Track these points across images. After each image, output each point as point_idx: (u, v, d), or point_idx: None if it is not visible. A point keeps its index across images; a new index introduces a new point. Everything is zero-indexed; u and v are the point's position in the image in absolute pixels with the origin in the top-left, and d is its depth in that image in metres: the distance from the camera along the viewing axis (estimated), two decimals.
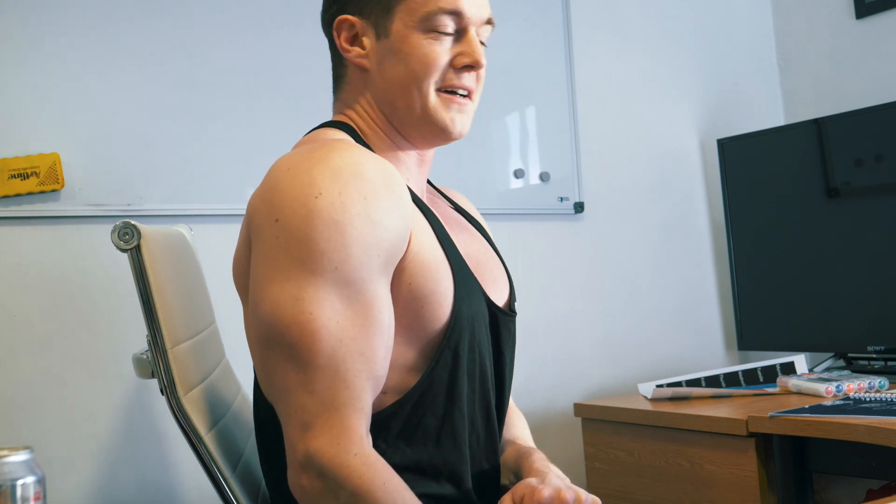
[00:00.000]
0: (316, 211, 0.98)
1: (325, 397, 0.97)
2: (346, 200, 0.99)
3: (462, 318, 1.09)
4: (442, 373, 1.08)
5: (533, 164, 2.25)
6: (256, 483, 1.27)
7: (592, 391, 2.28)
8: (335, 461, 0.95)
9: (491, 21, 1.17)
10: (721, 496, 1.77)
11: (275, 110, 1.86)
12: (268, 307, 0.99)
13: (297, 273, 0.98)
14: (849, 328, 2.19)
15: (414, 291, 1.05)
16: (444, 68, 1.12)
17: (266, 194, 1.03)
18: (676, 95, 2.52)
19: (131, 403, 1.72)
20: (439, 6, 1.10)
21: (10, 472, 0.71)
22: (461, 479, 1.10)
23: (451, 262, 1.09)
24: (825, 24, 2.53)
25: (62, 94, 1.68)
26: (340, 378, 0.97)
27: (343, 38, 1.15)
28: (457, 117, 1.14)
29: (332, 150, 1.03)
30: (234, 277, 1.15)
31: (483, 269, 1.18)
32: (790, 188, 2.30)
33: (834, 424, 1.59)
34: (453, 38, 1.13)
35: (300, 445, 0.97)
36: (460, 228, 1.23)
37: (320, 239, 0.98)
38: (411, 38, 1.11)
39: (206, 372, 1.30)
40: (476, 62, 1.13)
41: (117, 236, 1.13)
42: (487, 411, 1.15)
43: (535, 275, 2.22)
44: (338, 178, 1.00)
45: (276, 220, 1.00)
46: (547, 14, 2.28)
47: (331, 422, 0.96)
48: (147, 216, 1.73)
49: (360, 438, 0.98)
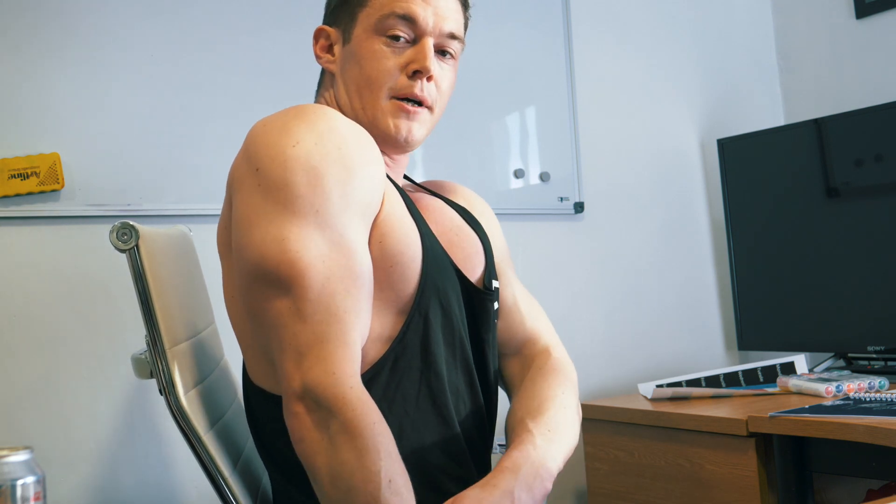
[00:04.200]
0: (294, 157, 1.02)
1: (318, 329, 0.98)
2: (322, 150, 1.03)
3: (430, 285, 1.10)
4: (413, 337, 1.10)
5: (533, 164, 2.25)
6: (256, 482, 1.27)
7: (592, 391, 2.28)
8: (330, 391, 0.96)
9: (456, 36, 1.18)
10: (721, 496, 1.77)
11: (275, 110, 1.85)
12: (254, 249, 1.01)
13: (279, 216, 1.01)
14: (849, 328, 2.19)
15: (384, 250, 1.07)
16: (395, 74, 1.15)
17: (244, 151, 1.08)
18: (676, 95, 2.52)
19: (131, 403, 1.72)
20: (392, 10, 1.14)
21: (10, 472, 0.71)
22: (446, 443, 1.11)
23: (420, 233, 1.12)
24: (825, 24, 2.53)
25: (62, 94, 1.68)
26: (331, 313, 0.99)
27: (319, 46, 1.23)
28: (402, 124, 1.16)
29: (308, 109, 1.09)
30: (218, 242, 1.17)
31: (455, 247, 1.20)
32: (790, 188, 2.30)
33: (834, 424, 1.59)
34: (410, 45, 1.15)
35: (296, 375, 0.98)
36: (433, 210, 1.24)
37: (300, 183, 1.01)
38: (368, 41, 1.15)
39: (206, 372, 1.30)
40: (424, 69, 1.14)
41: (116, 237, 1.13)
42: (470, 380, 1.17)
43: (535, 275, 2.22)
44: (313, 129, 1.05)
45: (257, 169, 1.04)
46: (547, 14, 2.29)
47: (324, 353, 0.98)
48: (147, 216, 1.73)
49: (354, 373, 0.99)
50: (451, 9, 1.18)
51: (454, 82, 1.22)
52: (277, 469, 1.13)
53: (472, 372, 1.18)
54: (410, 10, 1.13)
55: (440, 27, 1.16)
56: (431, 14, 1.15)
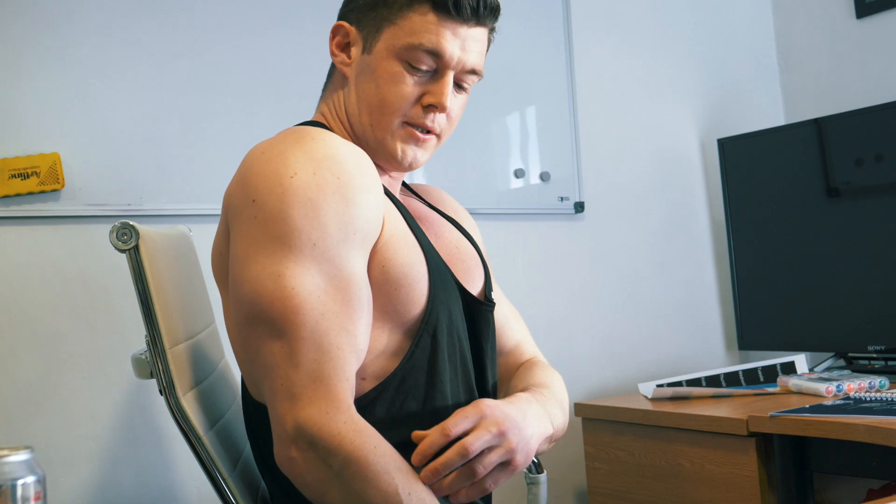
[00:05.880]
0: (291, 190, 1.01)
1: (311, 369, 0.98)
2: (321, 180, 1.02)
3: (438, 303, 1.10)
4: (421, 357, 1.10)
5: (533, 164, 2.25)
6: (256, 482, 1.27)
7: (592, 391, 2.28)
8: (325, 429, 0.96)
9: (476, 72, 1.17)
10: (721, 496, 1.77)
11: (274, 110, 1.86)
12: (249, 286, 1.01)
13: (276, 250, 1.00)
14: (849, 328, 2.19)
15: (387, 274, 1.07)
16: (411, 103, 1.13)
17: (241, 179, 1.06)
18: (676, 95, 2.52)
19: (131, 403, 1.72)
20: (421, 42, 1.11)
21: (10, 472, 0.71)
22: None
23: (424, 251, 1.11)
24: (825, 24, 2.53)
25: (62, 94, 1.68)
26: (324, 351, 0.99)
27: (336, 42, 1.19)
28: (409, 150, 1.16)
29: (306, 136, 1.06)
30: (214, 268, 1.17)
31: (456, 260, 1.20)
32: (790, 188, 2.30)
33: (834, 424, 1.59)
34: (429, 75, 1.14)
35: (288, 417, 0.98)
36: (431, 223, 1.24)
37: (297, 216, 1.00)
38: (388, 62, 1.13)
39: (206, 372, 1.30)
40: (440, 105, 1.13)
41: (115, 237, 1.13)
42: (471, 396, 1.17)
43: (535, 275, 2.22)
44: (312, 159, 1.03)
45: (253, 200, 1.02)
46: (547, 14, 2.28)
47: (317, 392, 0.98)
48: (147, 216, 1.73)
49: (347, 407, 0.99)
50: (478, 40, 1.16)
51: (464, 108, 1.21)
52: (274, 480, 1.13)
53: (473, 389, 1.18)
54: (440, 45, 1.11)
55: (463, 63, 1.14)
56: (458, 49, 1.13)
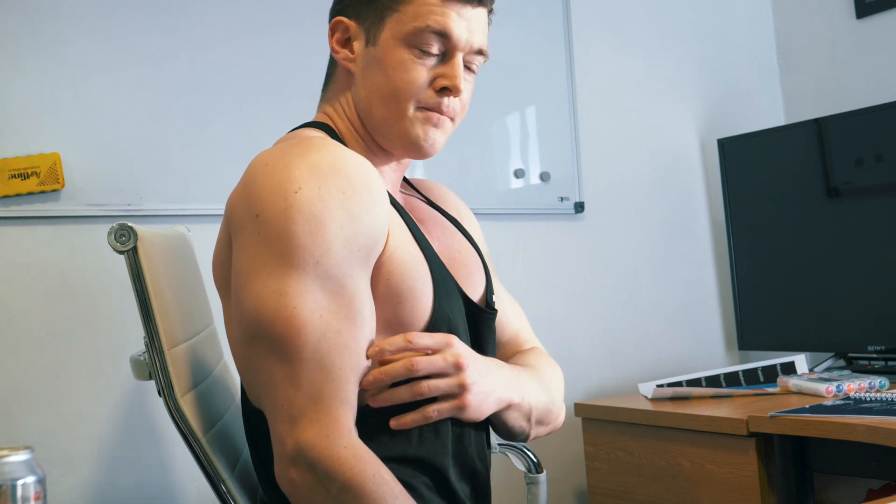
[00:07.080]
0: (296, 206, 0.99)
1: (312, 390, 0.98)
2: (325, 195, 1.00)
3: (442, 317, 1.10)
4: None
5: (533, 164, 2.25)
6: (255, 484, 1.27)
7: (592, 391, 2.28)
8: (325, 453, 0.96)
9: (483, 52, 1.16)
10: (721, 496, 1.77)
11: (274, 110, 1.86)
12: (251, 303, 1.00)
13: (279, 267, 0.99)
14: (849, 328, 2.19)
15: (391, 288, 1.06)
16: (423, 88, 1.12)
17: (245, 190, 1.04)
18: (676, 95, 2.52)
19: (131, 403, 1.72)
20: (427, 24, 1.10)
21: (10, 472, 0.71)
22: (444, 473, 1.10)
23: (428, 262, 1.10)
24: (825, 24, 2.53)
25: (62, 94, 1.68)
26: (326, 371, 0.98)
27: (336, 38, 1.17)
28: (430, 132, 1.14)
29: (311, 147, 1.04)
30: (215, 277, 1.16)
31: (458, 266, 1.19)
32: (790, 188, 2.30)
33: (834, 424, 1.59)
34: (438, 58, 1.12)
35: (289, 439, 0.98)
36: (433, 225, 1.23)
37: (301, 233, 0.99)
38: (396, 51, 1.11)
39: (205, 373, 1.30)
40: (455, 87, 1.12)
41: (113, 238, 1.12)
42: None
43: (535, 275, 2.22)
44: (316, 173, 1.01)
45: (257, 215, 1.00)
46: (547, 14, 2.28)
47: (318, 414, 0.97)
48: (147, 216, 1.73)
49: (348, 431, 0.99)
50: (481, 21, 1.15)
51: (472, 93, 1.20)
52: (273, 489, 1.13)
53: None
54: (447, 26, 1.10)
55: (471, 43, 1.13)
56: (465, 29, 1.12)
